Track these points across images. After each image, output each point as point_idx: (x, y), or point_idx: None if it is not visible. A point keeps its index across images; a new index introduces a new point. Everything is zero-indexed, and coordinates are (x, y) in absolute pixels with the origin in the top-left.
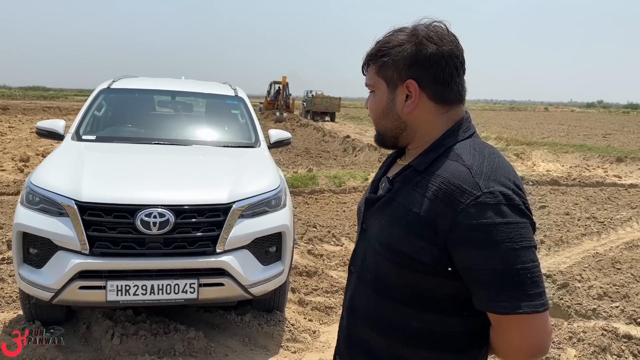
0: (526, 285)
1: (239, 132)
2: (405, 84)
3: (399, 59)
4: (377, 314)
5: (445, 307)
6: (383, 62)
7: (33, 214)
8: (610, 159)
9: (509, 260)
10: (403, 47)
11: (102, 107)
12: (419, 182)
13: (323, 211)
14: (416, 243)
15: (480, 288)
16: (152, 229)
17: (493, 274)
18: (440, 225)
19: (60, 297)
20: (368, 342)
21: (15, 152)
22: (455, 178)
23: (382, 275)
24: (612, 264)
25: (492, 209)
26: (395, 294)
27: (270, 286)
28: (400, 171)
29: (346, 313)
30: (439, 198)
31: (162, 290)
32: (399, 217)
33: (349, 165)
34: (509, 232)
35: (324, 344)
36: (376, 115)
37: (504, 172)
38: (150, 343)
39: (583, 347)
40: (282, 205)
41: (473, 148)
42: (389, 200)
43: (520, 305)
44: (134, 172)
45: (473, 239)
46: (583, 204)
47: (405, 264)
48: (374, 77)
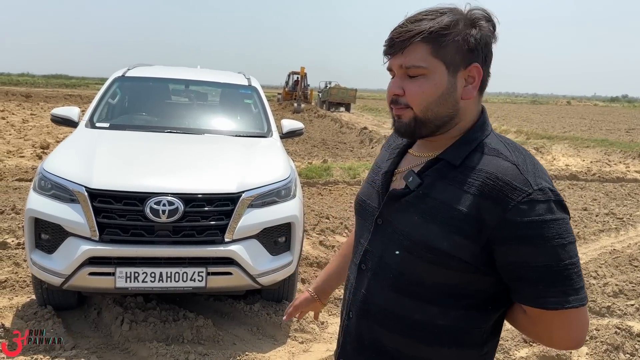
0: (573, 280)
1: (252, 122)
2: (469, 68)
3: (461, 40)
4: (399, 313)
5: (472, 303)
6: (444, 43)
7: (45, 199)
8: (633, 154)
9: (559, 255)
10: (466, 29)
11: (117, 95)
12: (456, 177)
13: (337, 202)
14: (457, 240)
15: (527, 284)
16: (161, 217)
17: (543, 270)
18: (486, 221)
19: (70, 283)
20: (383, 344)
21: (35, 139)
22: (503, 174)
23: (408, 273)
24: (630, 261)
25: (543, 206)
26: (421, 292)
27: (278, 276)
28: (429, 164)
29: (356, 314)
30: (485, 194)
31: (171, 278)
32: (436, 214)
33: (365, 157)
34: (559, 228)
35: (332, 335)
36: (429, 100)
37: (543, 169)
38: (159, 330)
39: (596, 345)
40: (292, 196)
41: (506, 143)
42: (421, 195)
43: (569, 299)
44: (144, 160)
45: (525, 235)
46: (602, 200)
47: (441, 261)
48: (428, 59)
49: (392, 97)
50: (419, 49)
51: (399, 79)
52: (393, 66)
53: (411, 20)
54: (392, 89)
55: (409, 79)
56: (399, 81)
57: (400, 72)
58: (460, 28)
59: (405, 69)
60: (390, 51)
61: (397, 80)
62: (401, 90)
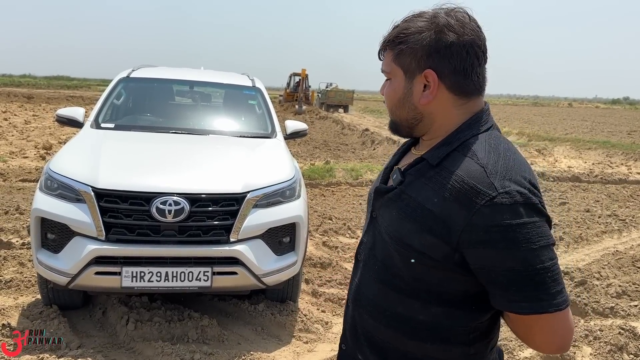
0: (547, 285)
1: (256, 123)
2: (423, 73)
3: (417, 47)
4: (383, 305)
5: (453, 301)
6: (400, 50)
7: (51, 199)
8: (635, 156)
9: (528, 261)
10: (422, 35)
11: (121, 95)
12: (432, 177)
13: (339, 203)
14: (427, 239)
15: (498, 289)
16: (167, 217)
17: (512, 275)
18: (454, 224)
19: (76, 282)
20: (373, 334)
21: (38, 140)
22: (469, 177)
23: (390, 265)
24: (633, 263)
25: (509, 210)
26: (402, 286)
27: (283, 276)
28: (413, 163)
29: (351, 303)
30: (453, 197)
31: (176, 278)
32: (410, 212)
33: (367, 159)
34: (527, 233)
35: (336, 335)
36: (392, 104)
37: (519, 171)
38: (164, 329)
39: (599, 346)
40: (297, 196)
41: (488, 144)
42: (399, 193)
43: (541, 304)
44: (150, 161)
45: (490, 240)
46: (604, 201)
47: (415, 257)
48: (390, 64)
49: None
50: (388, 55)
51: (386, 82)
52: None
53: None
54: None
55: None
56: (384, 84)
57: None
58: (424, 35)
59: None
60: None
61: (384, 83)
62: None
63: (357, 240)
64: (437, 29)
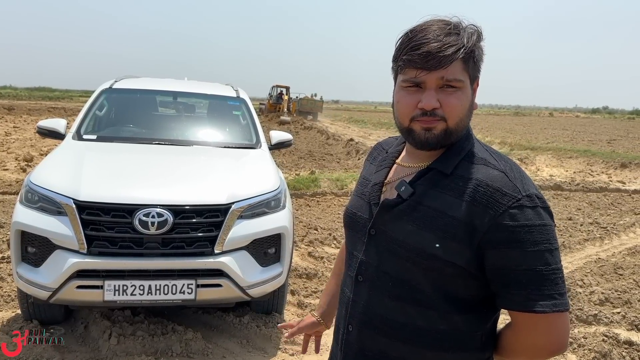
0: (559, 285)
1: (240, 133)
2: (476, 80)
3: (479, 56)
4: (401, 321)
5: (470, 307)
6: (473, 58)
7: (32, 212)
8: (615, 164)
9: (547, 260)
10: (480, 45)
11: (104, 107)
12: (447, 185)
13: (324, 214)
14: (451, 246)
15: (516, 288)
16: (150, 229)
17: (532, 274)
18: (477, 227)
19: (58, 296)
20: (387, 353)
21: (19, 152)
22: (493, 182)
23: (406, 280)
24: (615, 270)
25: (532, 211)
26: (421, 298)
27: (268, 288)
28: (420, 174)
29: (357, 327)
30: (477, 201)
31: (160, 291)
32: (429, 221)
33: (352, 168)
34: (547, 234)
35: (322, 347)
36: (461, 113)
37: (529, 177)
38: (147, 344)
39: (584, 353)
40: (282, 207)
41: (491, 152)
42: (414, 204)
43: (555, 303)
44: (133, 172)
45: (515, 239)
46: (586, 209)
47: (436, 267)
48: (462, 73)
49: (425, 110)
50: (457, 63)
51: (433, 91)
52: (429, 79)
53: (440, 34)
54: (430, 102)
55: (441, 92)
56: (434, 94)
57: (435, 85)
58: (480, 45)
59: (445, 82)
60: (427, 65)
61: (432, 93)
62: (438, 103)
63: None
64: (479, 40)
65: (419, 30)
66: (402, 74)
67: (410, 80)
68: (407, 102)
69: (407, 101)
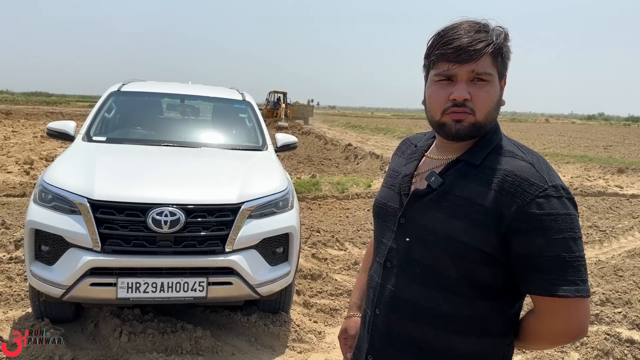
0: (581, 272)
1: (247, 136)
2: (504, 77)
3: (507, 54)
4: (427, 305)
5: (495, 294)
6: (501, 54)
7: (46, 211)
8: (612, 169)
9: (571, 247)
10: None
11: (112, 109)
12: (476, 176)
13: (326, 216)
14: (478, 233)
15: (540, 274)
16: (163, 228)
17: (556, 260)
18: (505, 215)
19: (71, 294)
20: (413, 336)
21: (19, 156)
22: (520, 172)
23: (434, 266)
24: (615, 272)
25: (558, 201)
26: (447, 284)
27: (277, 286)
28: (450, 165)
29: (384, 310)
30: (505, 190)
31: (172, 288)
32: (458, 210)
33: (350, 173)
34: (571, 223)
35: (330, 345)
36: (490, 106)
37: (554, 170)
38: (157, 341)
39: (586, 351)
40: (290, 207)
41: (519, 146)
42: (443, 193)
43: (577, 289)
44: (145, 172)
45: (541, 227)
46: (585, 213)
47: (464, 254)
48: (491, 68)
49: (457, 101)
50: (488, 59)
51: (464, 84)
52: (461, 72)
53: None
54: (461, 94)
55: (472, 85)
56: (465, 86)
57: (466, 78)
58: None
59: (476, 75)
60: (459, 58)
61: (463, 85)
62: (469, 95)
63: (345, 252)
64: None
65: (450, 28)
66: (435, 68)
67: (442, 74)
68: (440, 95)
69: (440, 94)
